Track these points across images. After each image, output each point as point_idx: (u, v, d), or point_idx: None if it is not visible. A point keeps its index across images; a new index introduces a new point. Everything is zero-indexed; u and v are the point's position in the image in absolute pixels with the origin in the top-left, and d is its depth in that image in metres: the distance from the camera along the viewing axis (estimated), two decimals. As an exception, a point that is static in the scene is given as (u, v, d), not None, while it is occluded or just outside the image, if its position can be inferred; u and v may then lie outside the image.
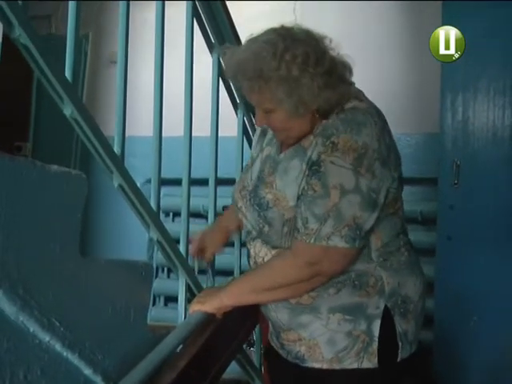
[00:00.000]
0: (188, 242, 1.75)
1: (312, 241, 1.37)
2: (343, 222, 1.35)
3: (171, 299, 3.79)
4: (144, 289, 1.57)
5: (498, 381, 3.24)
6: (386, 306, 1.46)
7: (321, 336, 1.47)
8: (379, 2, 3.70)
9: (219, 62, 1.86)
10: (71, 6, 1.26)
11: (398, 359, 1.49)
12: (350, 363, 1.46)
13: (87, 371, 1.34)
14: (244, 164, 2.06)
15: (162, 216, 3.00)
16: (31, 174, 1.14)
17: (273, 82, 1.36)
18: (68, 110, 1.22)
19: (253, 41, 1.41)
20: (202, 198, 2.22)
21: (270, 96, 1.39)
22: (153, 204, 1.54)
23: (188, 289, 1.72)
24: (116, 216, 3.51)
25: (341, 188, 1.34)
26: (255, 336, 2.17)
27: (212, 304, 1.54)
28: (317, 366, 1.49)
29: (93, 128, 1.27)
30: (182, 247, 1.68)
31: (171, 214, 3.77)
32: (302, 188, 1.41)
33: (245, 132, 2.15)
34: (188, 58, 1.75)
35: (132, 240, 3.72)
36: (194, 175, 1.84)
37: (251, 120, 2.16)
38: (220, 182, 1.99)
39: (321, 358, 1.48)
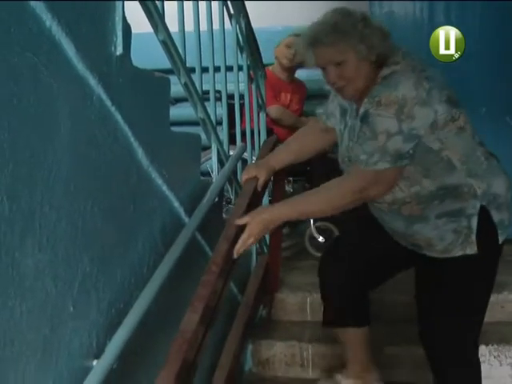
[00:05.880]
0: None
1: (362, 167, 1.75)
2: (387, 154, 1.71)
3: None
4: (197, 151, 2.33)
5: None
6: (481, 205, 1.81)
7: (433, 235, 1.87)
8: None
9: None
10: None
11: (500, 242, 1.87)
12: (457, 252, 1.86)
13: (176, 204, 2.03)
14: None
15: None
16: (152, 80, 1.89)
17: (347, 33, 1.74)
18: (161, 36, 1.92)
19: (325, 16, 1.79)
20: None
21: (344, 47, 1.74)
22: (199, 90, 2.25)
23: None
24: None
25: (387, 132, 1.69)
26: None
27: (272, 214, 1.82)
28: (431, 255, 1.91)
29: (174, 45, 1.99)
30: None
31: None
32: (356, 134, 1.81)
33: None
34: None
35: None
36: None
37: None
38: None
39: (434, 249, 1.89)
